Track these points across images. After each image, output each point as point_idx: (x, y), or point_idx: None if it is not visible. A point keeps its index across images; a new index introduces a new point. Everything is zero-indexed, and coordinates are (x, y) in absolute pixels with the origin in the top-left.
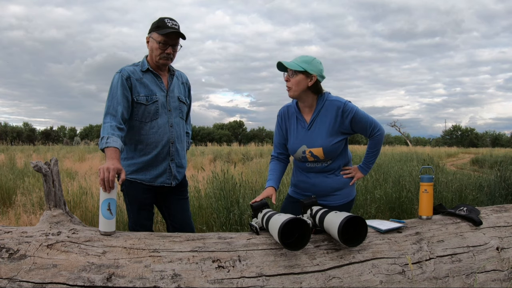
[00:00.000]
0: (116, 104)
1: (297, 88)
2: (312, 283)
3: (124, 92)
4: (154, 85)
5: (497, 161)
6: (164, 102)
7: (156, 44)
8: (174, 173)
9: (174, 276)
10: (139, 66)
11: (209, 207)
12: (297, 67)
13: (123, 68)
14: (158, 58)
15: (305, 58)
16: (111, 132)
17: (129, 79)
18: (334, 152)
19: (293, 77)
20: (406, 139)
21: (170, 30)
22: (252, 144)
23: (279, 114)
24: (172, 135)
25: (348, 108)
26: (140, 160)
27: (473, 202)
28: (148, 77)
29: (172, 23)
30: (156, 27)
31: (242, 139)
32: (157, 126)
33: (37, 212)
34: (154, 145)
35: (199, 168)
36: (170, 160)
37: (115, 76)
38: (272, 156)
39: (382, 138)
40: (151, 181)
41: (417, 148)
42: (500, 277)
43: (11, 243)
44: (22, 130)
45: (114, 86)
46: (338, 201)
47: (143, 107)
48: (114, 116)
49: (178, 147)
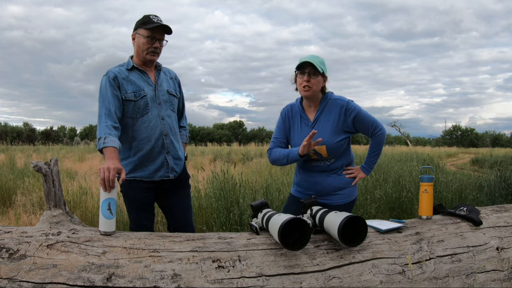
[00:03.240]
0: (108, 104)
1: (316, 88)
2: (312, 283)
3: (114, 92)
4: (141, 81)
5: (497, 161)
6: (153, 95)
7: (144, 39)
8: (172, 165)
9: (174, 276)
10: (124, 66)
11: (209, 207)
12: (319, 68)
13: (109, 70)
14: (146, 53)
15: (320, 59)
16: (108, 132)
17: (116, 78)
18: (337, 150)
19: (314, 78)
20: (406, 139)
21: (156, 24)
22: (252, 144)
23: (283, 112)
24: (165, 128)
25: (351, 107)
26: (136, 157)
27: (473, 202)
28: (135, 74)
29: (157, 18)
30: (142, 23)
31: (242, 139)
32: (148, 120)
33: (37, 212)
34: (147, 139)
35: (199, 168)
36: (166, 153)
37: (102, 79)
38: (271, 148)
39: (383, 138)
40: (151, 177)
41: (417, 148)
42: (500, 277)
43: (11, 243)
44: (22, 130)
45: (103, 88)
46: (340, 201)
47: (132, 103)
48: (109, 116)
49: (172, 139)
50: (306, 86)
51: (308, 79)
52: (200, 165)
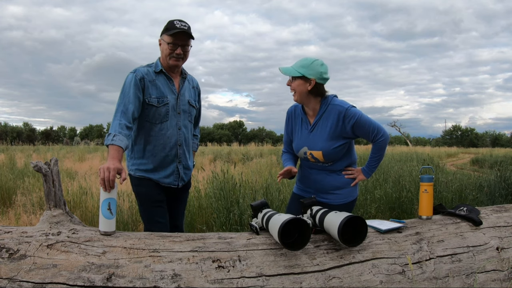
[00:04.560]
0: (128, 103)
1: (299, 91)
2: (312, 283)
3: (137, 92)
4: (166, 87)
5: (497, 161)
6: (174, 104)
7: (166, 45)
8: (182, 175)
9: (174, 276)
10: (152, 67)
11: (209, 207)
12: (294, 72)
13: (137, 68)
14: (169, 58)
15: (304, 61)
16: (119, 130)
17: (143, 80)
18: (334, 156)
19: (293, 82)
20: (406, 139)
21: (178, 30)
22: (252, 144)
23: (288, 112)
24: (180, 138)
25: (350, 113)
26: (149, 160)
27: (473, 202)
28: (161, 79)
29: (181, 24)
30: (165, 29)
31: (242, 139)
32: (166, 128)
33: (37, 212)
34: (162, 146)
35: (199, 168)
36: (178, 162)
37: (128, 75)
38: (283, 152)
39: (385, 144)
40: (159, 181)
41: (417, 148)
42: (500, 277)
43: (11, 243)
44: (22, 130)
45: (127, 85)
46: (339, 200)
47: (154, 109)
48: (125, 113)
49: (185, 150)
50: (291, 90)
51: (289, 83)
52: (200, 165)
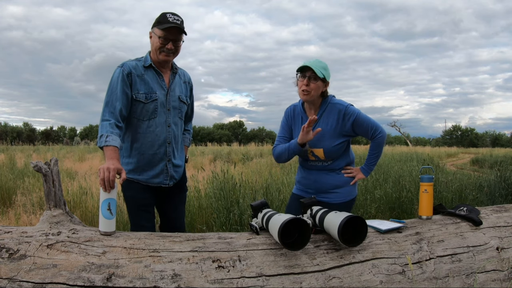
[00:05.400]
0: (115, 100)
1: (315, 93)
2: (312, 283)
3: (124, 88)
4: (155, 82)
5: (497, 161)
6: (163, 101)
7: (157, 39)
8: (171, 173)
9: (174, 276)
10: (141, 61)
11: (209, 207)
12: (319, 73)
13: (125, 62)
14: (159, 53)
15: (323, 64)
16: (110, 130)
17: (130, 75)
18: (334, 153)
19: (313, 83)
20: (406, 139)
21: (170, 25)
22: (252, 144)
23: (287, 111)
24: (170, 135)
25: (350, 111)
26: (136, 159)
27: (473, 202)
28: (150, 73)
29: (174, 18)
30: (157, 22)
31: (242, 139)
32: (154, 125)
33: (37, 212)
34: (150, 144)
35: (199, 168)
36: (167, 161)
37: (116, 70)
38: (275, 145)
39: (383, 140)
40: (147, 181)
41: (417, 148)
42: (500, 277)
43: (11, 243)
44: (22, 130)
45: (114, 81)
46: (338, 199)
47: (142, 105)
48: (113, 113)
49: (174, 147)
50: (305, 90)
51: (307, 83)
52: (200, 165)
